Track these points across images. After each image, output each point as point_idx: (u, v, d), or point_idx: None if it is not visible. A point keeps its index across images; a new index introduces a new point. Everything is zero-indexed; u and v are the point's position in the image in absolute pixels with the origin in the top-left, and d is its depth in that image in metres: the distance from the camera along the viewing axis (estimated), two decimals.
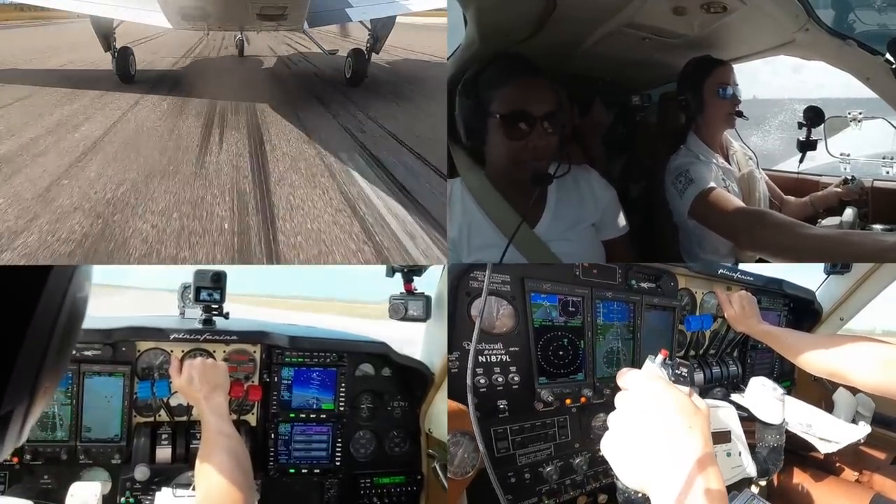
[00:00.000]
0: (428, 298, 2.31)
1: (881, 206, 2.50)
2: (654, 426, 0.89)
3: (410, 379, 2.59)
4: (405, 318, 2.29)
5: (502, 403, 1.75)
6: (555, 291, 1.96)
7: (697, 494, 0.82)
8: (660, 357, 0.99)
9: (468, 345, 1.71)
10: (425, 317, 2.30)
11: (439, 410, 2.50)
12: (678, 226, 2.52)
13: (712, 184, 2.33)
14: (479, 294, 1.78)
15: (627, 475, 0.90)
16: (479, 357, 1.71)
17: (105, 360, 2.18)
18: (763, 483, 1.71)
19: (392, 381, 2.61)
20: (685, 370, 1.00)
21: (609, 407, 1.01)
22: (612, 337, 2.17)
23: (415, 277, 2.35)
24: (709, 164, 2.47)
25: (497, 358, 1.78)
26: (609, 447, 0.94)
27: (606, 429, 0.96)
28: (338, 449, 2.48)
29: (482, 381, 1.71)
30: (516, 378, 1.81)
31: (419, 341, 2.70)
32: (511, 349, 1.82)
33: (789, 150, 2.88)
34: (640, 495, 1.17)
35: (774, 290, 3.06)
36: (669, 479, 0.84)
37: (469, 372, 1.38)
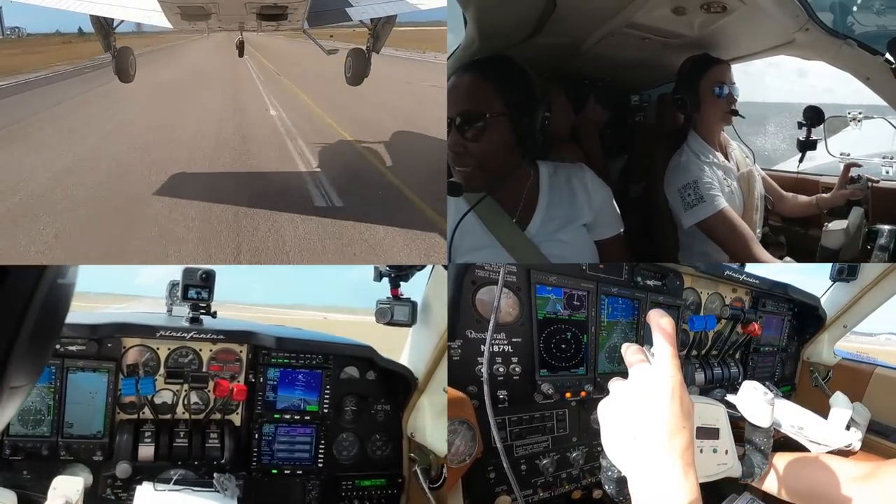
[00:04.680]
0: (414, 304, 2.34)
1: (882, 206, 2.53)
2: (640, 418, 0.94)
3: (394, 383, 2.60)
4: (391, 323, 2.33)
5: (502, 394, 1.75)
6: (560, 284, 1.96)
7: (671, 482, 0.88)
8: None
9: (471, 333, 1.72)
10: (411, 322, 2.34)
11: (422, 415, 2.51)
12: (677, 225, 2.55)
13: (721, 202, 2.39)
14: (485, 284, 1.78)
15: (615, 447, 0.97)
16: (481, 346, 1.70)
17: (90, 356, 2.16)
18: (751, 481, 1.71)
19: (376, 384, 2.63)
20: None
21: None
22: (615, 333, 2.17)
23: (401, 283, 2.37)
24: (710, 164, 2.51)
25: (499, 348, 1.79)
26: (604, 414, 1.01)
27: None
28: (321, 450, 2.49)
29: (483, 369, 1.70)
30: (517, 369, 1.80)
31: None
32: (514, 340, 1.82)
33: (790, 153, 2.93)
34: (620, 474, 1.17)
35: (779, 294, 3.08)
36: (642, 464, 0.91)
37: (485, 362, 1.38)
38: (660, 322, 0.99)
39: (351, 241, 4.36)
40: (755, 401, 1.73)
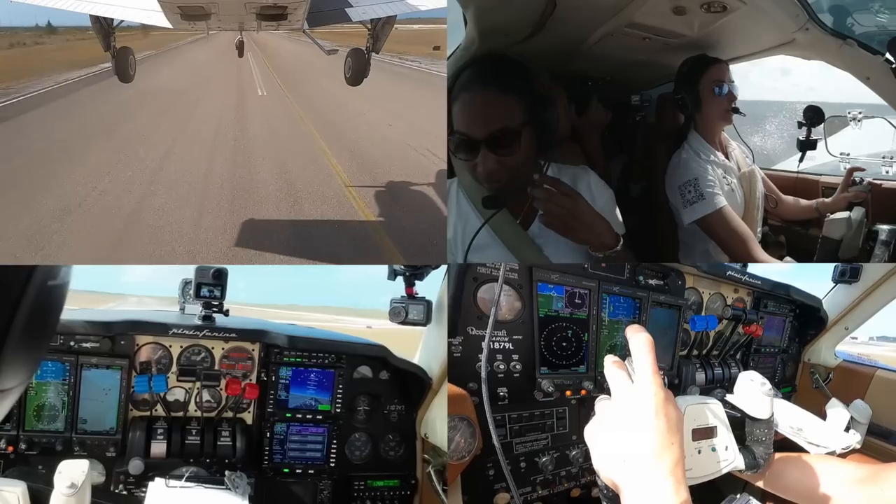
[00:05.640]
0: (429, 303, 2.36)
1: (882, 206, 2.59)
2: (628, 438, 0.98)
3: (408, 383, 2.65)
4: (405, 322, 2.35)
5: (502, 391, 1.82)
6: (562, 282, 2.03)
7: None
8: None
9: (473, 330, 1.79)
10: (425, 321, 2.35)
11: (436, 415, 2.55)
12: (678, 224, 2.63)
13: (721, 200, 2.46)
14: (487, 280, 1.86)
15: (604, 469, 1.01)
16: (482, 343, 1.77)
17: (103, 353, 2.25)
18: (755, 471, 1.77)
19: (389, 384, 2.68)
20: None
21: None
22: (616, 331, 2.24)
23: (416, 282, 2.40)
24: (711, 163, 2.58)
25: (500, 345, 1.86)
26: (591, 438, 1.06)
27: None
28: (333, 450, 2.55)
29: (482, 366, 1.77)
30: (518, 366, 1.88)
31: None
32: (514, 337, 1.89)
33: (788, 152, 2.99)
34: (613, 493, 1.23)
35: (781, 295, 3.14)
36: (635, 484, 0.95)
37: (484, 359, 1.42)
38: (638, 337, 1.02)
39: None
40: (752, 392, 1.79)
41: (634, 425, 0.98)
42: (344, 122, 10.09)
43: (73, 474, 1.73)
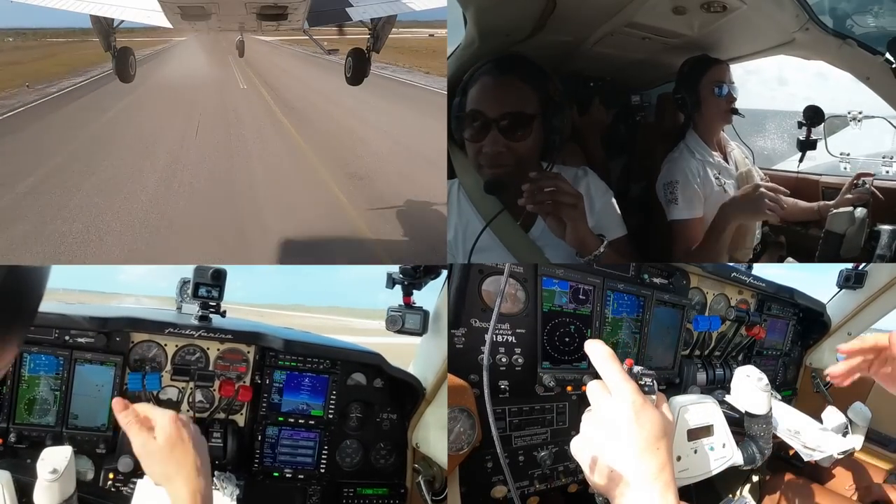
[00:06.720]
0: (426, 313, 2.40)
1: (882, 206, 2.63)
2: (616, 446, 1.03)
3: (402, 392, 2.68)
4: (402, 331, 2.39)
5: (503, 384, 1.85)
6: (567, 278, 2.06)
7: None
8: (624, 367, 1.09)
9: (476, 322, 1.82)
10: (422, 331, 2.39)
11: (428, 425, 2.59)
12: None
13: (693, 212, 2.54)
14: (492, 273, 1.89)
15: (594, 479, 1.06)
16: (485, 335, 1.79)
17: (98, 349, 2.26)
18: (753, 467, 1.80)
19: (383, 392, 2.71)
20: (649, 380, 1.12)
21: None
22: (619, 329, 2.27)
23: (414, 291, 2.44)
24: (704, 163, 2.64)
25: (503, 338, 1.89)
26: (578, 451, 1.10)
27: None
28: (323, 456, 2.57)
29: (484, 359, 1.80)
30: (520, 360, 1.91)
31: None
32: (518, 331, 1.92)
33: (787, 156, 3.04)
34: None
35: (785, 298, 3.19)
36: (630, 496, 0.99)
37: (486, 351, 1.44)
38: (596, 350, 1.06)
39: None
40: (749, 389, 1.83)
41: (615, 434, 1.02)
42: None
43: (55, 460, 1.73)
